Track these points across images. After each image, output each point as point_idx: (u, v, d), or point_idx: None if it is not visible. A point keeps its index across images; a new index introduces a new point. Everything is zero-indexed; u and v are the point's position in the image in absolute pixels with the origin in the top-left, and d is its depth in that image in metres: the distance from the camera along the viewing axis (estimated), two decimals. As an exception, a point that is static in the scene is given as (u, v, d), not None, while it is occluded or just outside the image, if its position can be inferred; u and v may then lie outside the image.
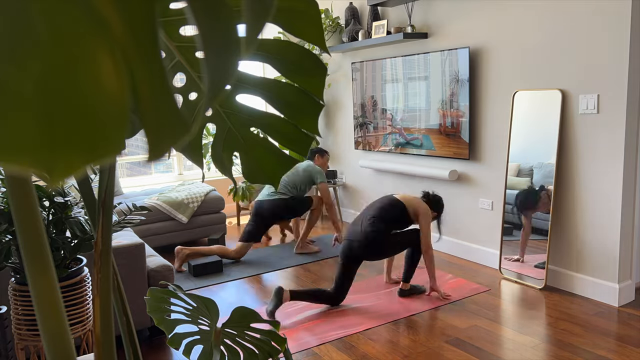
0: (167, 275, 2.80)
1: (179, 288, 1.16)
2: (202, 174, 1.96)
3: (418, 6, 4.20)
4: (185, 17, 0.79)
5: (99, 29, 0.27)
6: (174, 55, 0.85)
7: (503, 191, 3.66)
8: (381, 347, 2.69)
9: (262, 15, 0.32)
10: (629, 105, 2.93)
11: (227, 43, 0.31)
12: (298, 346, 2.72)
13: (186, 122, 0.32)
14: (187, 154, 0.99)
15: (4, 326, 1.81)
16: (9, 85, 0.26)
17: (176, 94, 0.92)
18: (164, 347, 2.78)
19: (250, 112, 0.96)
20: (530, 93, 3.42)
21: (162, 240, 4.39)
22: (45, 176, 0.27)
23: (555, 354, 2.54)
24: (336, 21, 5.12)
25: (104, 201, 0.76)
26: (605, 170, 3.05)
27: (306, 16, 0.78)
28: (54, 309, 0.58)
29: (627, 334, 2.71)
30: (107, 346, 0.76)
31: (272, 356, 1.16)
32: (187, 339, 1.22)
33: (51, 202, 1.99)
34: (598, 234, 3.13)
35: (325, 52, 0.81)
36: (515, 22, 3.47)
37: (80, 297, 2.06)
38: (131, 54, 0.28)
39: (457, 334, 2.79)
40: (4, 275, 2.38)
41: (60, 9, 0.26)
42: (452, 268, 3.85)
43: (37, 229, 0.57)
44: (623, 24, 2.87)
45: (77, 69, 0.27)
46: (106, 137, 0.28)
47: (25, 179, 0.55)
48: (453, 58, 3.83)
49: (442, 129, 4.02)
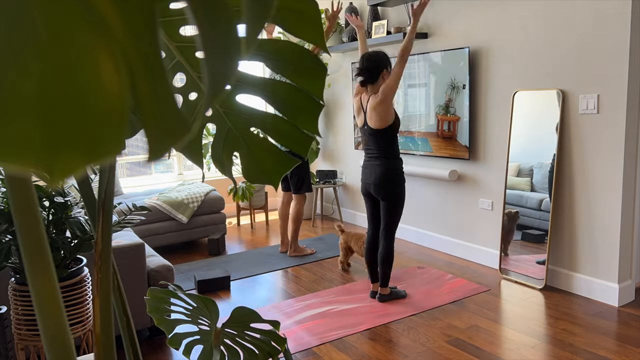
0: (167, 275, 2.80)
1: (179, 288, 1.16)
2: (202, 174, 1.96)
3: (418, 6, 4.20)
4: (185, 17, 0.79)
5: (99, 29, 0.27)
6: (174, 55, 0.85)
7: (503, 191, 3.66)
8: (381, 347, 2.69)
9: (262, 15, 0.32)
10: (629, 105, 2.93)
11: (227, 43, 0.32)
12: (298, 346, 2.72)
13: (186, 122, 0.32)
14: (187, 154, 0.99)
15: (4, 326, 1.81)
16: (9, 85, 0.26)
17: (176, 94, 0.92)
18: (164, 347, 2.78)
19: (250, 112, 0.96)
20: (530, 93, 3.42)
21: (162, 240, 4.39)
22: (45, 176, 0.27)
23: (555, 354, 2.54)
24: (336, 21, 5.12)
25: (104, 201, 0.76)
26: (605, 170, 3.05)
27: (306, 16, 0.78)
28: (54, 309, 0.58)
29: (627, 334, 2.71)
30: (107, 346, 0.76)
31: (272, 356, 1.16)
32: (187, 339, 1.22)
33: (51, 202, 1.99)
34: (598, 234, 3.13)
35: (325, 52, 0.81)
36: (515, 22, 3.47)
37: (80, 297, 2.06)
38: (131, 54, 0.28)
39: (457, 334, 2.78)
40: (4, 275, 2.38)
41: (60, 9, 0.26)
42: (452, 268, 3.85)
43: (37, 229, 0.57)
44: (623, 24, 2.87)
45: (77, 69, 0.27)
46: (106, 137, 0.28)
47: (25, 179, 0.55)
48: (453, 58, 3.83)
49: (439, 132, 4.04)
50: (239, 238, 4.94)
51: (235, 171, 5.61)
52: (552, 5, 3.22)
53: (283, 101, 0.93)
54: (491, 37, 3.64)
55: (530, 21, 3.37)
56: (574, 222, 3.25)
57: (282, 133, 0.96)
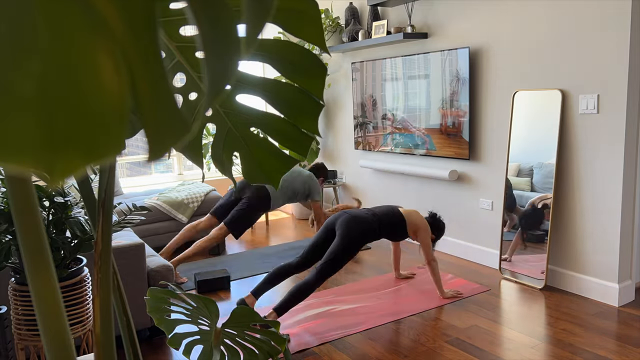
0: (167, 275, 2.80)
1: (179, 288, 1.16)
2: (202, 174, 1.96)
3: (418, 6, 4.20)
4: (185, 17, 0.79)
5: (99, 29, 0.27)
6: (174, 55, 0.85)
7: (503, 191, 3.66)
8: (381, 347, 2.69)
9: (262, 15, 0.32)
10: (629, 105, 2.93)
11: (227, 43, 0.32)
12: (298, 346, 2.72)
13: (186, 122, 0.32)
14: (187, 154, 0.99)
15: (4, 326, 1.81)
16: (10, 85, 0.26)
17: (176, 94, 0.92)
18: (164, 347, 2.78)
19: (250, 112, 0.96)
20: (530, 93, 3.42)
21: (162, 240, 4.39)
22: (45, 176, 0.27)
23: (555, 354, 2.54)
24: (336, 21, 5.12)
25: (104, 201, 0.76)
26: (605, 170, 3.05)
27: (306, 16, 0.78)
28: (54, 308, 0.58)
29: (627, 334, 2.71)
30: (107, 346, 0.76)
31: (272, 356, 1.16)
32: (187, 339, 1.22)
33: (51, 202, 1.99)
34: (598, 234, 3.13)
35: (325, 52, 0.81)
36: (515, 22, 3.47)
37: (80, 297, 2.06)
38: (131, 54, 0.28)
39: (457, 334, 2.79)
40: (4, 275, 2.38)
41: (60, 9, 0.26)
42: (452, 268, 3.85)
43: (37, 229, 0.57)
44: (623, 24, 2.87)
45: (78, 69, 0.27)
46: (106, 137, 0.28)
47: (25, 179, 0.55)
48: (453, 58, 3.83)
49: (442, 128, 4.02)
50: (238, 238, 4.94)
51: (235, 171, 5.61)
52: (552, 5, 3.23)
53: (283, 101, 0.93)
54: (491, 37, 3.64)
55: (530, 21, 3.37)
56: (574, 222, 3.25)
57: (282, 133, 0.96)
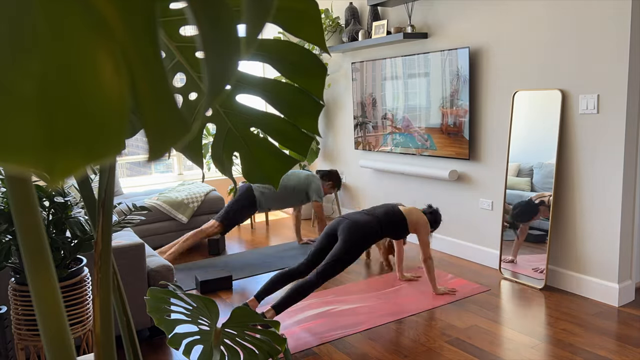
0: (167, 275, 2.80)
1: (179, 288, 1.16)
2: (202, 174, 1.96)
3: (418, 6, 4.20)
4: (185, 17, 0.79)
5: (99, 29, 0.27)
6: (174, 55, 0.85)
7: (503, 191, 3.66)
8: (381, 347, 2.69)
9: (262, 15, 0.32)
10: (629, 105, 2.93)
11: (227, 43, 0.32)
12: (298, 346, 2.72)
13: (186, 122, 0.32)
14: (187, 154, 0.99)
15: (4, 326, 1.81)
16: (10, 85, 0.26)
17: (176, 94, 0.92)
18: (164, 347, 2.78)
19: (250, 112, 0.96)
20: (530, 93, 3.42)
21: (162, 240, 4.39)
22: (45, 176, 0.27)
23: (555, 354, 2.54)
24: (336, 21, 5.12)
25: (104, 201, 0.76)
26: (605, 170, 3.05)
27: (306, 16, 0.78)
28: (54, 309, 0.58)
29: (627, 334, 2.71)
30: (107, 346, 0.76)
31: (272, 356, 1.16)
32: (187, 339, 1.22)
33: (51, 202, 1.99)
34: (598, 234, 3.13)
35: (325, 52, 0.81)
36: (515, 22, 3.47)
37: (80, 297, 2.06)
38: (131, 54, 0.28)
39: (457, 334, 2.79)
40: (4, 275, 2.38)
41: (60, 9, 0.26)
42: (452, 268, 3.85)
43: (37, 229, 0.57)
44: (623, 24, 2.87)
45: (78, 69, 0.27)
46: (106, 137, 0.28)
47: (25, 179, 0.55)
48: (453, 58, 3.83)
49: (443, 127, 4.02)
50: (239, 238, 4.94)
51: (235, 171, 5.61)
52: (553, 5, 3.23)
53: (283, 101, 0.93)
54: (491, 37, 3.64)
55: (530, 21, 3.37)
56: (574, 222, 3.25)
57: (282, 133, 0.96)
